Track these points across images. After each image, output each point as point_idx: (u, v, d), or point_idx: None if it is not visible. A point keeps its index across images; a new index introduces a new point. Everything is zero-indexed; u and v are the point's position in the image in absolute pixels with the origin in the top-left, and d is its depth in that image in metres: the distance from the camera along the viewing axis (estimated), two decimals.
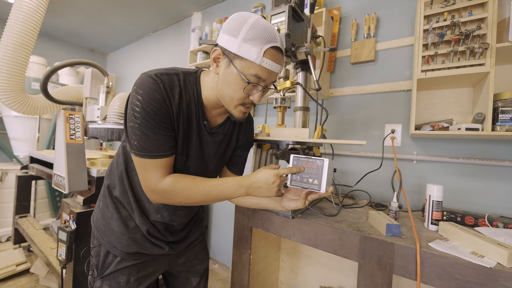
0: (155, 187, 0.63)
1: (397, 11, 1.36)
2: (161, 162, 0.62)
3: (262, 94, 0.65)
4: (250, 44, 0.56)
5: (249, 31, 0.56)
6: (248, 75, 0.59)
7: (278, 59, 0.61)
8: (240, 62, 0.58)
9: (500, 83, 1.06)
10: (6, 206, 2.45)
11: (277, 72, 0.63)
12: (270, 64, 0.59)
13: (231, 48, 0.58)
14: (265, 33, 0.57)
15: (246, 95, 0.63)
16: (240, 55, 0.58)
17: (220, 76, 0.63)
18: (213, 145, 0.74)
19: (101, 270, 0.73)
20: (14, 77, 1.27)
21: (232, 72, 0.60)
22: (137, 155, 0.61)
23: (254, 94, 0.64)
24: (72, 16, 2.74)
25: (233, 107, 0.65)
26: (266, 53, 0.58)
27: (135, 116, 0.58)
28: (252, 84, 0.60)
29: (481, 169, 1.12)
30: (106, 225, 0.74)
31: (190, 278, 0.90)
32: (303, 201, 0.69)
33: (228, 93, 0.62)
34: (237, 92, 0.62)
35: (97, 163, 1.51)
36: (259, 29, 0.57)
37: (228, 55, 0.59)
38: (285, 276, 1.48)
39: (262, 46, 0.57)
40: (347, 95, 1.51)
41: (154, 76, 0.60)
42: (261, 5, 1.79)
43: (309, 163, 0.67)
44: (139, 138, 0.59)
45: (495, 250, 0.62)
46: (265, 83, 0.63)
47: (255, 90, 0.63)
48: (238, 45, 0.57)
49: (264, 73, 0.60)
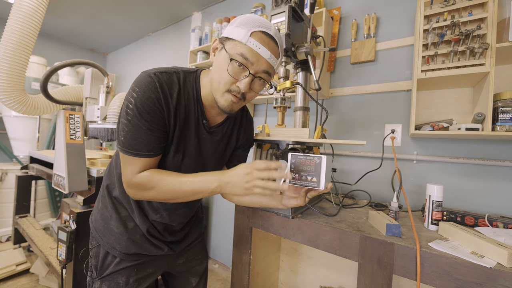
0: (129, 181, 0.63)
1: (397, 11, 1.36)
2: (142, 161, 0.62)
3: (250, 82, 0.61)
4: (240, 27, 0.59)
5: (244, 19, 0.60)
6: (234, 53, 0.59)
7: (266, 44, 0.59)
8: (229, 43, 0.60)
9: (500, 83, 1.06)
10: (6, 206, 2.45)
11: (266, 58, 0.60)
12: (256, 45, 0.58)
13: (225, 34, 0.61)
14: (258, 21, 0.60)
15: (233, 79, 0.60)
16: (230, 36, 0.60)
17: (214, 63, 0.64)
18: (212, 144, 0.74)
19: (100, 271, 0.73)
20: (14, 77, 1.27)
21: (222, 54, 0.61)
22: (122, 150, 0.61)
23: (241, 80, 0.60)
24: (72, 16, 2.74)
25: (220, 94, 0.62)
26: (253, 35, 0.58)
27: (127, 112, 0.59)
28: (237, 64, 0.58)
29: (481, 169, 1.12)
30: (105, 225, 0.74)
31: (189, 278, 0.90)
32: (303, 198, 0.69)
33: (216, 76, 0.62)
34: (223, 73, 0.60)
35: (97, 163, 1.51)
36: (253, 18, 0.60)
37: (222, 41, 0.62)
38: (285, 276, 1.48)
39: (251, 28, 0.58)
40: (347, 95, 1.51)
41: (153, 74, 0.60)
42: (261, 5, 1.79)
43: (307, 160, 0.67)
44: (126, 135, 0.60)
45: (495, 250, 0.62)
46: (253, 69, 0.60)
47: (242, 75, 0.60)
48: (231, 30, 0.60)
49: (250, 53, 0.58)
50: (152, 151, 0.62)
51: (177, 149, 0.67)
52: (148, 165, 0.63)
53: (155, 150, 0.63)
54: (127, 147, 0.60)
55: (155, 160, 0.65)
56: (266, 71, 0.62)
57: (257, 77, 0.62)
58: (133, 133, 0.59)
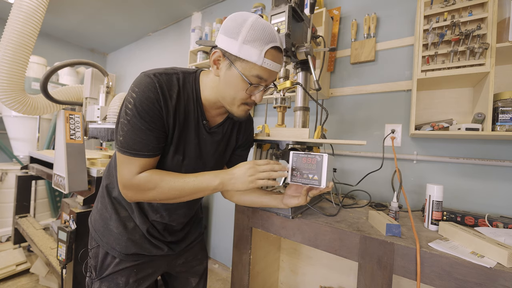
0: (128, 182, 0.62)
1: (397, 11, 1.36)
2: (141, 161, 0.61)
3: (264, 93, 0.66)
4: (250, 46, 0.57)
5: (249, 32, 0.57)
6: (250, 76, 0.60)
7: (278, 59, 0.62)
8: (241, 63, 0.59)
9: (500, 83, 1.06)
10: (6, 206, 2.45)
11: (278, 71, 0.64)
12: (270, 65, 0.60)
13: (231, 50, 0.59)
14: (265, 33, 0.58)
15: (248, 95, 0.64)
16: (241, 57, 0.58)
17: (221, 78, 0.63)
18: (212, 144, 0.74)
19: (99, 271, 0.73)
20: (14, 77, 1.27)
21: (234, 73, 0.60)
22: (120, 151, 0.61)
23: (256, 94, 0.65)
24: (72, 16, 2.74)
25: (236, 107, 0.66)
26: (267, 54, 0.59)
27: (126, 112, 0.59)
28: (254, 85, 0.62)
29: (481, 169, 1.12)
30: (104, 226, 0.74)
31: (189, 279, 0.90)
32: (305, 197, 0.69)
33: (230, 94, 0.63)
34: (239, 93, 0.63)
35: (97, 163, 1.51)
36: (258, 29, 0.57)
37: (229, 57, 0.60)
38: (285, 276, 1.48)
39: (263, 47, 0.58)
40: (347, 95, 1.51)
41: (152, 75, 0.60)
42: (261, 5, 1.79)
43: (309, 159, 0.67)
44: (125, 135, 0.60)
45: (495, 250, 0.62)
46: (266, 83, 0.64)
47: (257, 91, 0.65)
48: (238, 47, 0.58)
49: (265, 73, 0.61)
50: (151, 151, 0.62)
51: (177, 150, 0.67)
52: (146, 166, 0.63)
53: (154, 150, 0.62)
54: (125, 147, 0.60)
55: (154, 161, 0.65)
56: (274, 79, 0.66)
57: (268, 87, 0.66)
58: (132, 133, 0.59)
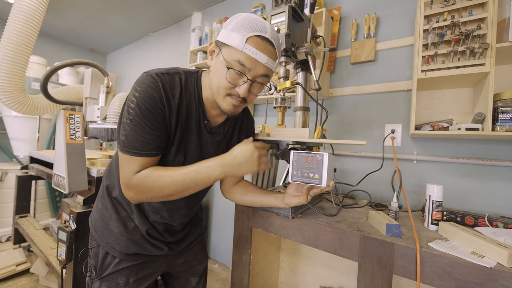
0: (128, 182, 0.61)
1: (397, 11, 1.36)
2: (142, 161, 0.61)
3: (249, 87, 0.61)
4: (236, 32, 0.58)
5: (238, 22, 0.59)
6: (231, 61, 0.59)
7: (263, 48, 0.59)
8: (226, 49, 0.60)
9: (500, 83, 1.06)
10: (6, 206, 2.45)
11: (264, 62, 0.60)
12: (253, 52, 0.58)
13: (221, 38, 0.60)
14: (252, 23, 0.58)
15: (231, 85, 0.61)
16: (226, 42, 0.59)
17: (211, 67, 0.64)
18: (213, 144, 0.74)
19: (99, 271, 0.73)
20: (14, 77, 1.27)
21: (219, 59, 0.61)
22: (122, 150, 0.60)
23: (240, 86, 0.61)
24: (72, 16, 2.74)
25: (221, 98, 0.63)
26: (249, 40, 0.58)
27: (128, 112, 0.59)
28: (234, 71, 0.59)
29: (481, 169, 1.12)
30: (104, 226, 0.74)
31: (189, 278, 0.90)
32: (306, 196, 0.69)
33: (215, 81, 0.62)
34: (222, 80, 0.61)
35: (97, 163, 1.51)
36: (248, 20, 0.58)
37: (219, 45, 0.61)
38: (285, 276, 1.48)
39: (246, 33, 0.57)
40: (347, 95, 1.51)
41: (155, 75, 0.60)
42: (261, 5, 1.79)
43: (309, 158, 0.67)
44: (127, 134, 0.59)
45: (495, 250, 0.62)
46: (250, 74, 0.60)
47: (240, 81, 0.61)
48: (226, 34, 0.59)
49: (247, 60, 0.58)
50: (153, 150, 0.61)
51: (179, 150, 0.67)
52: (148, 165, 0.63)
53: (156, 150, 0.62)
54: (127, 146, 0.60)
55: (155, 161, 0.64)
56: (264, 75, 0.62)
57: (255, 82, 0.62)
58: (134, 132, 0.59)
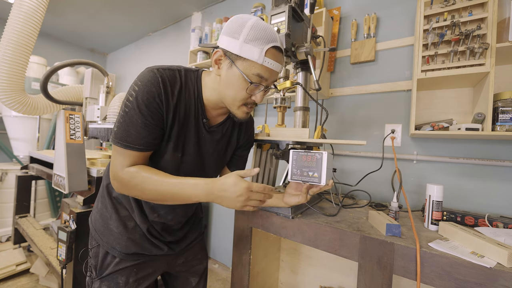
0: (116, 174, 0.62)
1: (397, 11, 1.36)
2: (132, 154, 0.61)
3: (264, 94, 0.65)
4: (251, 45, 0.58)
5: (250, 32, 0.58)
6: (251, 75, 0.60)
7: (278, 59, 0.63)
8: (242, 62, 0.59)
9: (500, 83, 1.06)
10: (6, 206, 2.45)
11: (278, 71, 0.64)
12: (271, 64, 0.60)
13: (232, 49, 0.59)
14: (266, 33, 0.58)
15: (249, 95, 0.63)
16: (242, 55, 0.59)
17: (222, 78, 0.63)
18: (211, 143, 0.74)
19: (99, 271, 0.73)
20: (14, 77, 1.27)
21: (235, 73, 0.61)
22: (113, 141, 0.61)
23: (257, 94, 0.65)
24: (72, 16, 2.74)
25: (236, 108, 0.65)
26: (268, 53, 0.59)
27: (125, 104, 0.59)
28: (254, 84, 0.61)
29: (481, 169, 1.12)
30: (104, 225, 0.74)
31: (189, 278, 0.90)
32: (305, 195, 0.69)
33: (231, 94, 0.63)
34: (239, 93, 0.62)
35: (97, 163, 1.51)
36: (259, 29, 0.58)
37: (230, 56, 0.60)
38: (285, 276, 1.48)
39: (264, 46, 0.58)
40: (347, 95, 1.51)
41: (156, 70, 0.61)
42: (261, 5, 1.79)
43: (308, 156, 0.68)
44: (120, 126, 0.60)
45: (495, 250, 0.62)
46: (266, 83, 0.64)
47: (257, 90, 0.64)
48: (239, 46, 0.58)
49: (266, 72, 0.61)
50: (143, 145, 0.61)
51: (176, 147, 0.67)
52: (137, 160, 0.63)
53: (147, 145, 0.62)
54: (118, 138, 0.60)
55: (146, 156, 0.64)
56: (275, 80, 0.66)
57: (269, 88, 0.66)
58: (127, 124, 0.59)
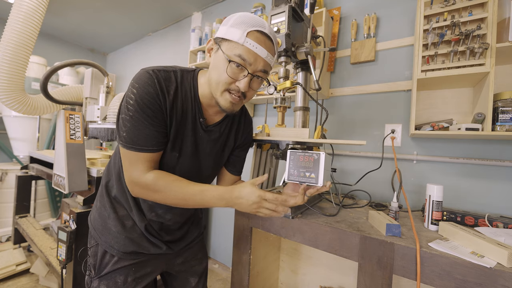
0: (138, 180, 0.63)
1: (397, 11, 1.36)
2: (146, 156, 0.62)
3: (249, 82, 0.62)
4: (236, 28, 0.59)
5: (238, 18, 0.60)
6: (232, 55, 0.60)
7: (263, 43, 0.61)
8: (226, 44, 0.60)
9: (500, 83, 1.06)
10: (6, 206, 2.45)
11: (263, 56, 0.61)
12: (253, 45, 0.59)
13: (220, 34, 0.61)
14: (252, 20, 0.60)
15: (231, 78, 0.61)
16: (226, 37, 0.60)
17: (211, 64, 0.65)
18: (208, 143, 0.74)
19: (98, 270, 0.73)
20: (14, 77, 1.27)
21: (219, 55, 0.62)
22: (125, 147, 0.61)
23: (240, 80, 0.62)
24: (72, 16, 2.74)
25: (219, 93, 0.64)
26: (250, 34, 0.59)
27: (127, 108, 0.60)
28: (236, 65, 0.60)
29: (481, 169, 1.12)
30: (103, 224, 0.74)
31: (188, 278, 0.90)
32: (302, 196, 0.68)
33: (215, 77, 0.63)
34: (222, 75, 0.61)
35: (97, 163, 1.51)
36: (246, 16, 0.60)
37: (217, 41, 0.62)
38: (285, 276, 1.48)
39: (246, 28, 0.59)
40: (347, 95, 1.51)
41: (151, 71, 0.61)
42: (261, 5, 1.79)
43: (306, 157, 0.68)
44: (128, 130, 0.60)
45: (495, 250, 0.62)
46: (251, 68, 0.61)
47: (241, 75, 0.62)
48: (225, 30, 0.60)
49: (248, 54, 0.59)
50: (155, 146, 0.62)
51: (173, 147, 0.68)
52: (152, 161, 0.64)
53: (158, 145, 0.63)
54: (130, 142, 0.60)
55: (158, 156, 0.66)
56: (263, 70, 0.63)
57: (255, 76, 0.63)
58: (135, 128, 0.60)
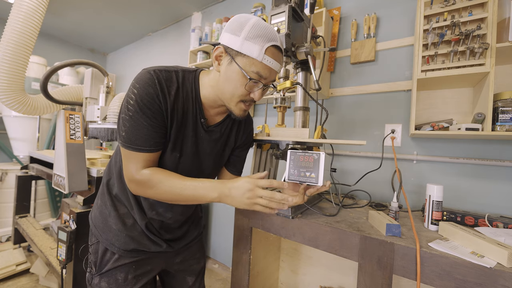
0: (132, 177, 0.64)
1: (397, 11, 1.36)
2: (144, 156, 0.63)
3: (263, 92, 0.66)
4: (252, 42, 0.59)
5: (251, 29, 0.59)
6: (250, 71, 0.61)
7: (278, 58, 0.63)
8: (242, 59, 0.60)
9: (500, 83, 1.06)
10: (6, 206, 2.45)
11: (277, 70, 0.65)
12: (271, 62, 0.61)
13: (233, 46, 0.60)
14: (266, 32, 0.60)
15: (247, 92, 0.64)
16: (242, 52, 0.60)
17: (222, 74, 0.64)
18: (209, 143, 0.74)
19: (99, 267, 0.74)
20: (14, 77, 1.27)
21: (234, 69, 0.62)
22: (124, 146, 0.62)
23: (255, 92, 0.65)
24: (72, 16, 2.74)
25: (234, 104, 0.66)
26: (267, 51, 0.60)
27: (128, 108, 0.60)
28: (253, 81, 0.62)
29: (481, 169, 1.12)
30: (104, 222, 0.75)
31: (186, 277, 0.90)
32: (302, 196, 0.68)
33: (229, 90, 0.64)
34: (238, 89, 0.63)
35: (97, 163, 1.51)
36: (260, 28, 0.59)
37: (230, 52, 0.61)
38: (285, 276, 1.48)
39: (264, 44, 0.59)
40: (347, 95, 1.51)
41: (152, 71, 0.62)
42: (261, 5, 1.79)
43: (306, 157, 0.68)
44: (127, 130, 0.61)
45: (495, 250, 0.62)
46: (265, 81, 0.64)
47: (256, 88, 0.65)
48: (240, 43, 0.59)
49: (265, 70, 0.62)
50: (153, 146, 0.63)
51: (174, 147, 0.68)
52: (150, 161, 0.65)
53: (156, 146, 0.64)
54: (128, 142, 0.61)
55: (156, 156, 0.66)
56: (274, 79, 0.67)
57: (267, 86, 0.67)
58: (134, 128, 0.60)
